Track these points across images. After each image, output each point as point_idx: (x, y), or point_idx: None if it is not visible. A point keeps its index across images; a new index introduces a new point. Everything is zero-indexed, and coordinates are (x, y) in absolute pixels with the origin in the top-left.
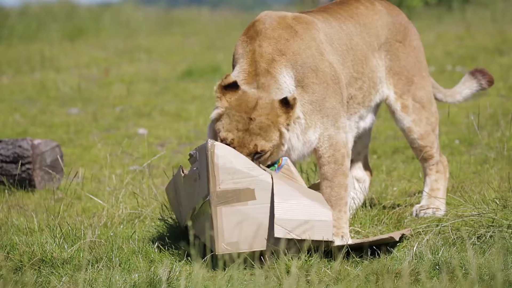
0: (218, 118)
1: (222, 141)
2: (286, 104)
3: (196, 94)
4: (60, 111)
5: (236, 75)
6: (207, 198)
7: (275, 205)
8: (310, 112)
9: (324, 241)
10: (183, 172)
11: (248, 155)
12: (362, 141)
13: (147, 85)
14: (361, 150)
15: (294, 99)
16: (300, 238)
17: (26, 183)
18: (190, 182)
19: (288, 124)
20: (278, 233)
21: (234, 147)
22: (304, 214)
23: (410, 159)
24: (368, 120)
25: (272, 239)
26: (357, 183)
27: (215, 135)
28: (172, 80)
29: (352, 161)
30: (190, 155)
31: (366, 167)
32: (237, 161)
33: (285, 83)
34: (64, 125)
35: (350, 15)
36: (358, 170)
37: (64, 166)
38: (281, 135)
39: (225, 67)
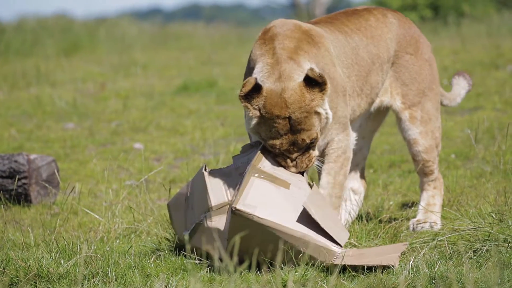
0: (256, 128)
1: (272, 148)
2: (315, 84)
3: (192, 109)
4: (56, 126)
5: (258, 72)
6: (245, 173)
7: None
8: None
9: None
10: (205, 169)
11: (300, 149)
12: (362, 152)
13: (143, 100)
14: (360, 161)
15: (320, 75)
16: (320, 224)
17: (22, 198)
18: (234, 175)
19: (322, 99)
20: (306, 203)
21: (285, 150)
22: (331, 220)
23: (406, 173)
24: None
25: (285, 222)
26: (353, 195)
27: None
28: (168, 95)
29: (350, 172)
30: (250, 145)
31: (362, 178)
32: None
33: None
34: (60, 140)
35: (357, 28)
36: (355, 182)
37: (60, 181)
38: (319, 116)
39: (221, 82)
